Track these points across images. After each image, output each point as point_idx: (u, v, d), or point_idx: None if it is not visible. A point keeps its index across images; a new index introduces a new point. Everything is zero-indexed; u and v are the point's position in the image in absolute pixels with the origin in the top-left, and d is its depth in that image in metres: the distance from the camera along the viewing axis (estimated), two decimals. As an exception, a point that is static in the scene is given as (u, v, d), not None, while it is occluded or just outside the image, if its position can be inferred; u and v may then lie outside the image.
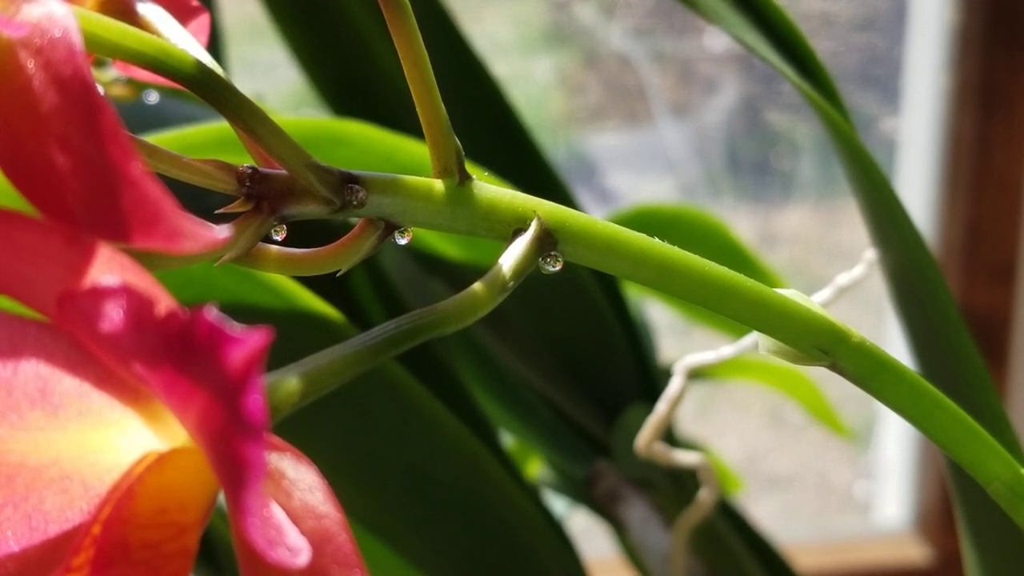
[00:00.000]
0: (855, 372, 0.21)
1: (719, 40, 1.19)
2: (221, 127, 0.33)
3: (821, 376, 0.42)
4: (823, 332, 0.21)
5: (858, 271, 0.39)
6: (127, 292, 0.14)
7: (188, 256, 0.17)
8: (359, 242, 0.20)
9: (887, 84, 1.17)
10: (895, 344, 0.72)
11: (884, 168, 0.43)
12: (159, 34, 0.20)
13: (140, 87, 0.41)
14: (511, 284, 0.19)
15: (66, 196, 0.15)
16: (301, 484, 0.16)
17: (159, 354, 0.14)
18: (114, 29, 0.17)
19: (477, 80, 0.46)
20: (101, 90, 0.15)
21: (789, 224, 1.27)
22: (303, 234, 0.21)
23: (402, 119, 0.38)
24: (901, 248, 0.34)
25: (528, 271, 0.20)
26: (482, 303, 0.19)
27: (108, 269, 0.15)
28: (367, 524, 0.35)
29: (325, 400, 0.18)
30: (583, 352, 0.48)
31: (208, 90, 0.18)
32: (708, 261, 0.20)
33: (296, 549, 0.14)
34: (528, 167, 0.47)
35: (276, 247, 0.20)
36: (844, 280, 0.39)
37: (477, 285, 0.19)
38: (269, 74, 1.10)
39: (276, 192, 0.19)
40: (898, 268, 0.35)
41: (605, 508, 0.51)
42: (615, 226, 0.20)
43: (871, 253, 0.38)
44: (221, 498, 0.15)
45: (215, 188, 0.19)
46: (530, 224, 0.20)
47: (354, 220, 0.20)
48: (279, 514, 0.15)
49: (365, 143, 0.36)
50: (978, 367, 0.33)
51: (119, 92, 0.41)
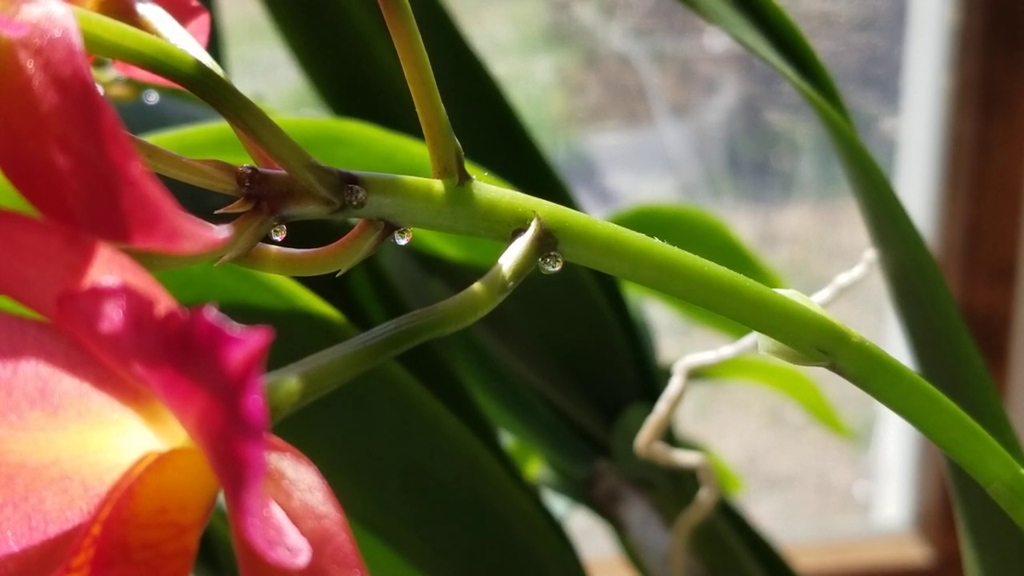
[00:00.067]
0: (855, 372, 0.21)
1: (719, 40, 1.19)
2: (221, 127, 0.33)
3: (821, 376, 0.42)
4: (823, 332, 0.21)
5: (858, 271, 0.39)
6: (127, 292, 0.14)
7: (188, 256, 0.17)
8: (359, 242, 0.20)
9: (887, 84, 1.17)
10: (895, 344, 0.73)
11: (884, 168, 0.43)
12: (159, 34, 0.20)
13: (140, 87, 0.41)
14: (511, 284, 0.19)
15: (66, 196, 0.15)
16: (301, 484, 0.16)
17: (159, 354, 0.14)
18: (114, 29, 0.17)
19: (477, 80, 0.46)
20: (101, 90, 0.15)
21: (789, 224, 1.27)
22: (303, 234, 0.21)
23: (402, 119, 0.38)
24: (901, 248, 0.34)
25: (528, 271, 0.20)
26: (482, 303, 0.19)
27: (108, 269, 0.15)
28: (367, 524, 0.35)
29: (325, 400, 0.18)
30: (583, 352, 0.48)
31: (208, 90, 0.18)
32: (708, 261, 0.20)
33: (296, 549, 0.14)
34: (528, 167, 0.47)
35: (276, 247, 0.20)
36: (844, 280, 0.39)
37: (477, 285, 0.19)
38: (269, 74, 1.10)
39: (276, 192, 0.19)
40: (898, 268, 0.35)
41: (605, 508, 0.51)
42: (615, 226, 0.20)
43: (871, 253, 0.38)
44: (221, 498, 0.15)
45: (215, 188, 0.19)
46: (530, 224, 0.20)
47: (354, 220, 0.20)
48: (279, 514, 0.15)
49: (365, 143, 0.36)
50: (978, 367, 0.33)
51: (119, 92, 0.41)
